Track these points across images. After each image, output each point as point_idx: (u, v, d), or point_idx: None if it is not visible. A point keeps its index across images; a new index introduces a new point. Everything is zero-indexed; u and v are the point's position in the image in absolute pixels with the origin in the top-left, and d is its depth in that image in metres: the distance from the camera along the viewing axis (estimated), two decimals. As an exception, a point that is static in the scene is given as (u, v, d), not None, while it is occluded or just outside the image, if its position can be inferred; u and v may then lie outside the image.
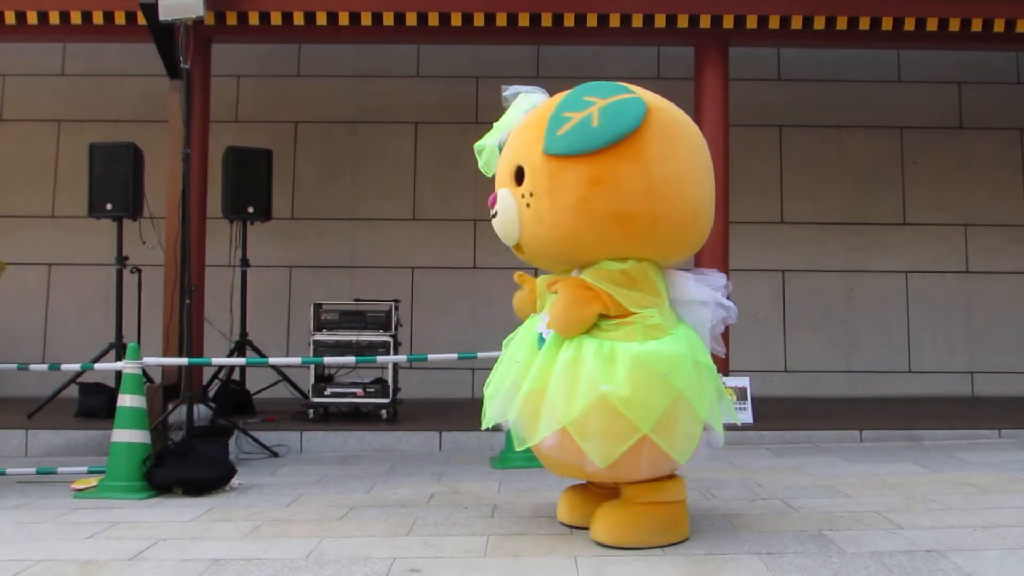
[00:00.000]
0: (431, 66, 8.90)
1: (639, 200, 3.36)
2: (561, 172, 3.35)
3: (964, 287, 8.92)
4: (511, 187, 3.52)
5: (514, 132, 3.63)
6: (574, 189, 3.33)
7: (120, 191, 6.71)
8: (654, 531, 3.43)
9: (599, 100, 3.36)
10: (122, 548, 3.50)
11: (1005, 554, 3.27)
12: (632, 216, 3.37)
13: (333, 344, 6.65)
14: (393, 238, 8.71)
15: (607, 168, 3.32)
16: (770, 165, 8.90)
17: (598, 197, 3.33)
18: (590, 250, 3.45)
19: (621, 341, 3.31)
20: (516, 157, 3.51)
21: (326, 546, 3.50)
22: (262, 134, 8.39)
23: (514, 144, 3.57)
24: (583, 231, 3.38)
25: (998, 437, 6.25)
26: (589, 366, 3.25)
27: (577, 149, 3.31)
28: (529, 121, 3.54)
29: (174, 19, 5.71)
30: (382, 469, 5.37)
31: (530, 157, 3.43)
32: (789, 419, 6.69)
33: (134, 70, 8.61)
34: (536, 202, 3.41)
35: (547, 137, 3.36)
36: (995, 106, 9.05)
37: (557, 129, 3.34)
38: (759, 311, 8.59)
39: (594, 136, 3.30)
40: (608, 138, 3.29)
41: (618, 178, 3.33)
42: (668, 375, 3.25)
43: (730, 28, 6.58)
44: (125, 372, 4.83)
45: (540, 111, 3.52)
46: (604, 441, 3.21)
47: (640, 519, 3.43)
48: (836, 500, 4.29)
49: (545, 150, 3.36)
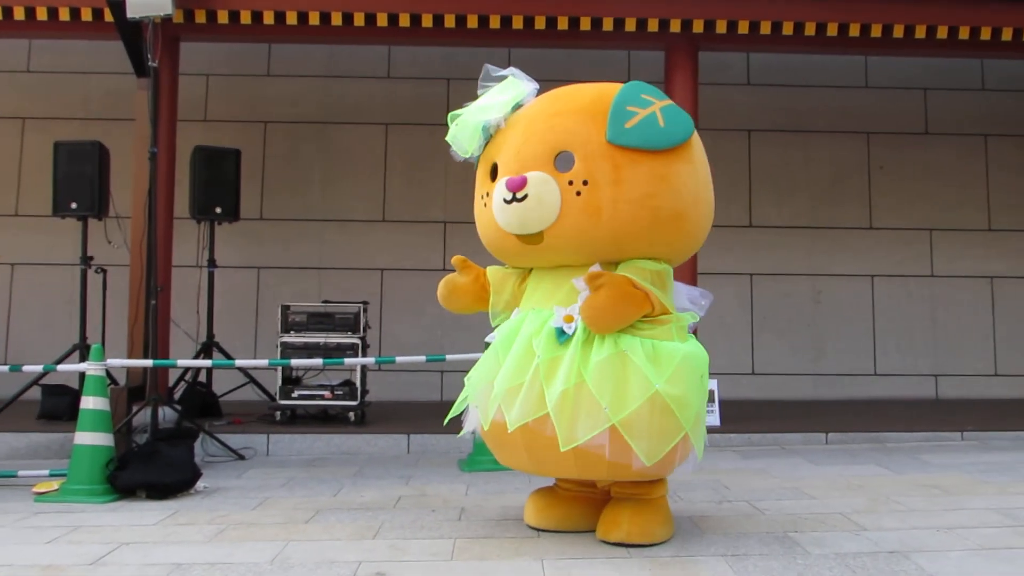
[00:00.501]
0: (402, 67, 8.88)
1: (691, 202, 3.46)
2: (631, 165, 3.33)
3: (928, 291, 9.02)
4: (549, 171, 3.39)
5: (535, 116, 3.54)
6: (643, 184, 3.33)
7: (85, 190, 6.64)
8: (666, 525, 3.55)
9: (656, 100, 3.41)
10: (83, 553, 3.46)
11: (967, 555, 3.31)
12: (685, 217, 3.45)
13: (301, 346, 6.61)
14: (362, 240, 8.68)
15: (671, 168, 3.38)
16: (739, 169, 8.95)
17: (664, 195, 3.36)
18: (638, 247, 3.42)
19: (659, 340, 3.34)
20: (559, 142, 3.41)
21: (291, 550, 3.47)
22: (231, 134, 8.33)
23: (549, 128, 3.45)
24: (643, 227, 3.37)
25: (961, 439, 6.32)
26: (639, 363, 3.23)
27: (650, 144, 3.33)
28: (567, 107, 3.48)
29: (142, 16, 5.66)
30: (349, 472, 5.34)
31: (586, 145, 3.36)
32: (756, 422, 6.73)
33: (101, 67, 8.53)
34: (592, 192, 3.33)
35: (612, 127, 3.33)
36: (960, 112, 9.16)
37: (625, 121, 3.33)
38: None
39: (664, 135, 3.34)
40: (677, 139, 3.37)
41: (679, 179, 3.40)
42: (702, 376, 3.40)
43: (700, 32, 6.62)
44: (89, 374, 4.78)
45: (585, 99, 3.49)
46: (653, 439, 3.23)
47: (660, 515, 3.54)
48: (801, 502, 4.32)
49: (611, 140, 3.32)
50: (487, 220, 3.61)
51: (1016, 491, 4.54)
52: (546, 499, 3.75)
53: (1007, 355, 8.97)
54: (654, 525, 3.48)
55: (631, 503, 3.48)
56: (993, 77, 9.20)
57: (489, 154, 3.65)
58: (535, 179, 3.37)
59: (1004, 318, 9.01)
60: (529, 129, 3.50)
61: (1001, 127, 9.15)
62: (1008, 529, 3.71)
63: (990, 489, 4.62)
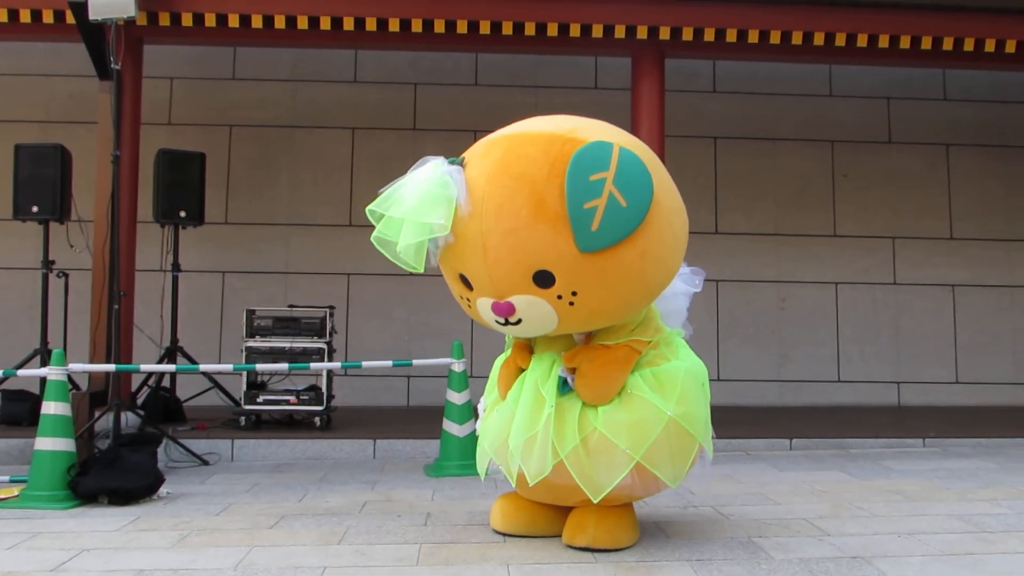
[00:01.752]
0: (369, 71, 8.86)
1: (673, 247, 3.36)
2: (609, 261, 3.13)
3: (892, 298, 9.12)
4: (533, 292, 3.20)
5: (489, 229, 3.16)
6: (627, 269, 3.18)
7: (47, 193, 6.57)
8: (631, 530, 3.55)
9: (603, 173, 3.06)
10: (44, 559, 3.41)
11: (928, 560, 3.34)
12: (672, 263, 3.42)
13: (266, 351, 6.55)
14: (329, 244, 8.64)
15: (646, 235, 3.17)
16: (705, 176, 9.00)
17: (651, 266, 3.24)
18: (638, 309, 3.43)
19: (656, 365, 3.38)
20: (531, 263, 3.15)
21: (255, 555, 3.44)
22: (195, 137, 8.26)
23: (513, 247, 3.14)
24: (636, 300, 3.35)
25: (923, 446, 6.39)
26: (648, 397, 3.28)
27: (624, 233, 3.10)
28: (522, 223, 3.11)
29: (104, 18, 5.61)
30: (315, 477, 5.31)
31: (560, 261, 3.12)
32: (721, 427, 6.66)
33: (63, 70, 8.43)
34: (584, 299, 3.20)
35: (580, 237, 3.07)
36: (922, 121, 9.28)
37: (589, 224, 3.05)
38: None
39: (631, 215, 3.10)
40: (643, 213, 3.12)
41: (658, 239, 3.23)
42: (703, 384, 3.48)
43: (666, 39, 6.65)
44: (50, 378, 4.72)
45: (531, 198, 3.10)
46: (675, 462, 3.32)
47: (625, 520, 3.54)
48: (766, 507, 4.35)
49: (584, 250, 3.08)
50: (477, 315, 3.47)
51: (976, 497, 4.60)
52: (512, 504, 3.75)
53: (968, 363, 9.08)
54: (619, 530, 3.49)
55: (596, 508, 3.47)
56: (955, 87, 9.33)
57: (449, 261, 3.38)
58: (523, 303, 3.23)
59: (965, 326, 9.12)
60: (489, 245, 3.18)
61: (962, 136, 9.28)
62: (968, 535, 3.75)
63: (951, 495, 4.67)
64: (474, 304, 3.39)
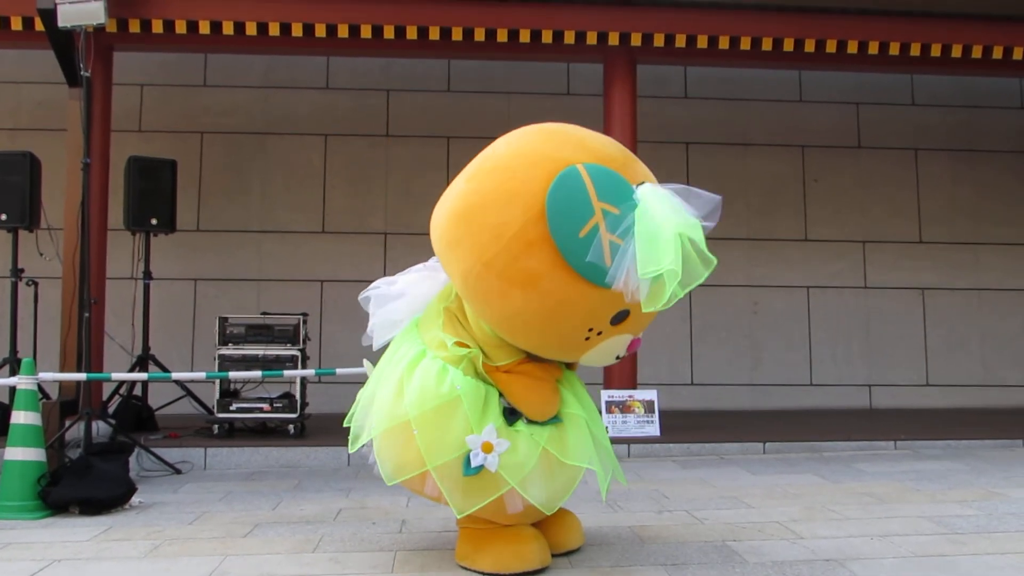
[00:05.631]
0: (341, 78, 8.84)
1: None
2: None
3: (862, 302, 9.20)
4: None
5: None
6: None
7: (16, 201, 6.49)
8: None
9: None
10: (15, 570, 3.37)
11: (900, 562, 3.37)
12: None
13: (239, 358, 6.52)
14: (302, 251, 8.61)
15: None
16: (677, 181, 8.99)
17: None
18: None
19: None
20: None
21: (229, 564, 3.42)
22: (167, 144, 8.22)
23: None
24: None
25: (894, 448, 6.44)
26: None
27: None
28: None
29: (73, 25, 5.55)
30: (289, 485, 5.29)
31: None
32: (695, 432, 6.79)
33: (32, 77, 8.37)
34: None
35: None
36: (891, 126, 9.38)
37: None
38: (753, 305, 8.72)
39: None
40: None
41: None
42: None
43: (638, 45, 6.70)
44: (20, 388, 4.68)
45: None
46: None
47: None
48: (740, 511, 4.37)
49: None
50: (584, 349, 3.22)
51: (947, 499, 4.65)
52: None
53: (938, 365, 9.18)
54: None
55: None
56: (923, 92, 9.44)
57: None
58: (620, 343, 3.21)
59: (935, 329, 9.22)
60: None
61: (930, 141, 9.39)
62: (940, 536, 3.79)
63: (922, 497, 4.71)
64: (604, 337, 3.16)
